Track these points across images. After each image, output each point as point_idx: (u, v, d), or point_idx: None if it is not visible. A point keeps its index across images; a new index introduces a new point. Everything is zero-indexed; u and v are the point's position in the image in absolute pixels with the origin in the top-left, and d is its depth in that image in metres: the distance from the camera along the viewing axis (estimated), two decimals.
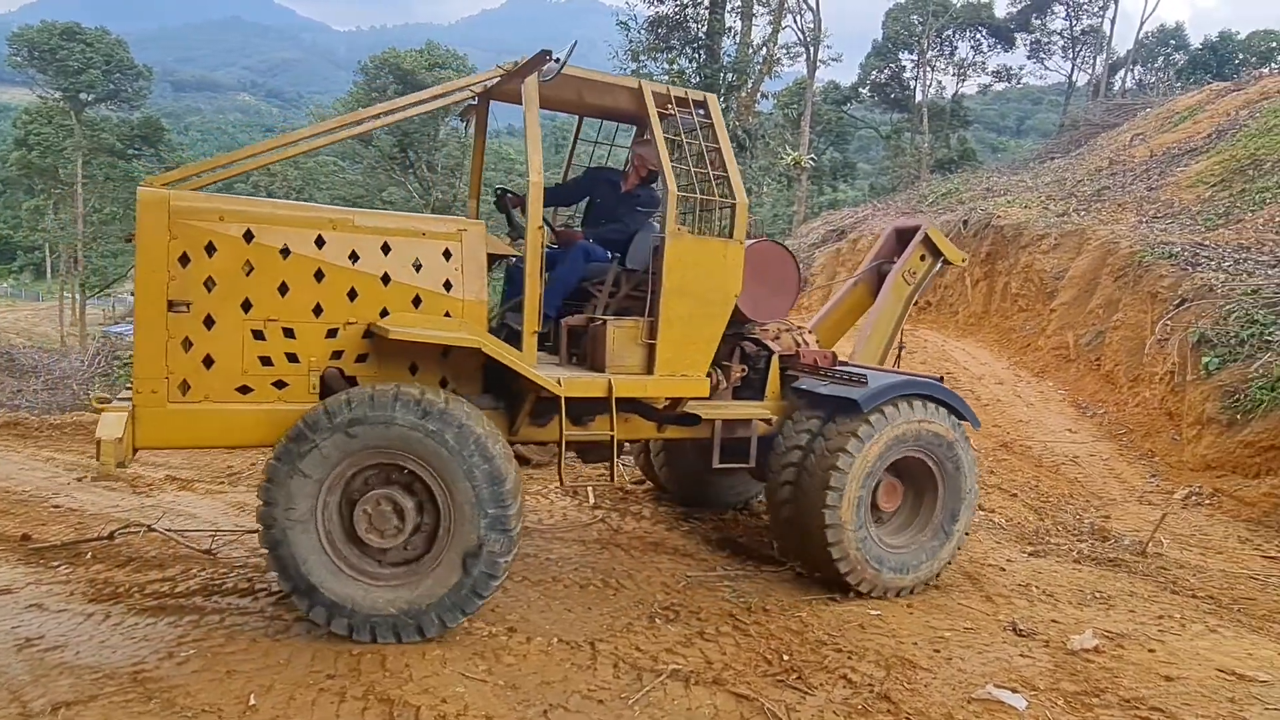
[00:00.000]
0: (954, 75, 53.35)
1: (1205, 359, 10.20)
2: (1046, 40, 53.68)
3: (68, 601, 4.14)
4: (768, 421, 5.20)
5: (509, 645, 3.85)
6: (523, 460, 7.67)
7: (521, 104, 4.45)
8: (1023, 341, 14.90)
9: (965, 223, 17.81)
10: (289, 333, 3.93)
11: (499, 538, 3.89)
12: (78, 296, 40.30)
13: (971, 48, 52.86)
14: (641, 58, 18.36)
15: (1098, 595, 5.25)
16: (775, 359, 5.25)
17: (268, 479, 3.72)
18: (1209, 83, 31.97)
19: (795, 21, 37.07)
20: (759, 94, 21.34)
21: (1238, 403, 9.34)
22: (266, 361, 3.90)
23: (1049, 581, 5.46)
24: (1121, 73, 53.51)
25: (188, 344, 3.76)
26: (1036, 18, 52.42)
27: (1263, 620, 5.17)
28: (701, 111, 4.80)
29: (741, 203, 4.74)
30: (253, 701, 3.19)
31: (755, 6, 20.65)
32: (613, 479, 4.77)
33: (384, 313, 4.05)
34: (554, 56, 4.31)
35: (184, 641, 3.67)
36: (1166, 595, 5.51)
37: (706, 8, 18.25)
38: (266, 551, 3.73)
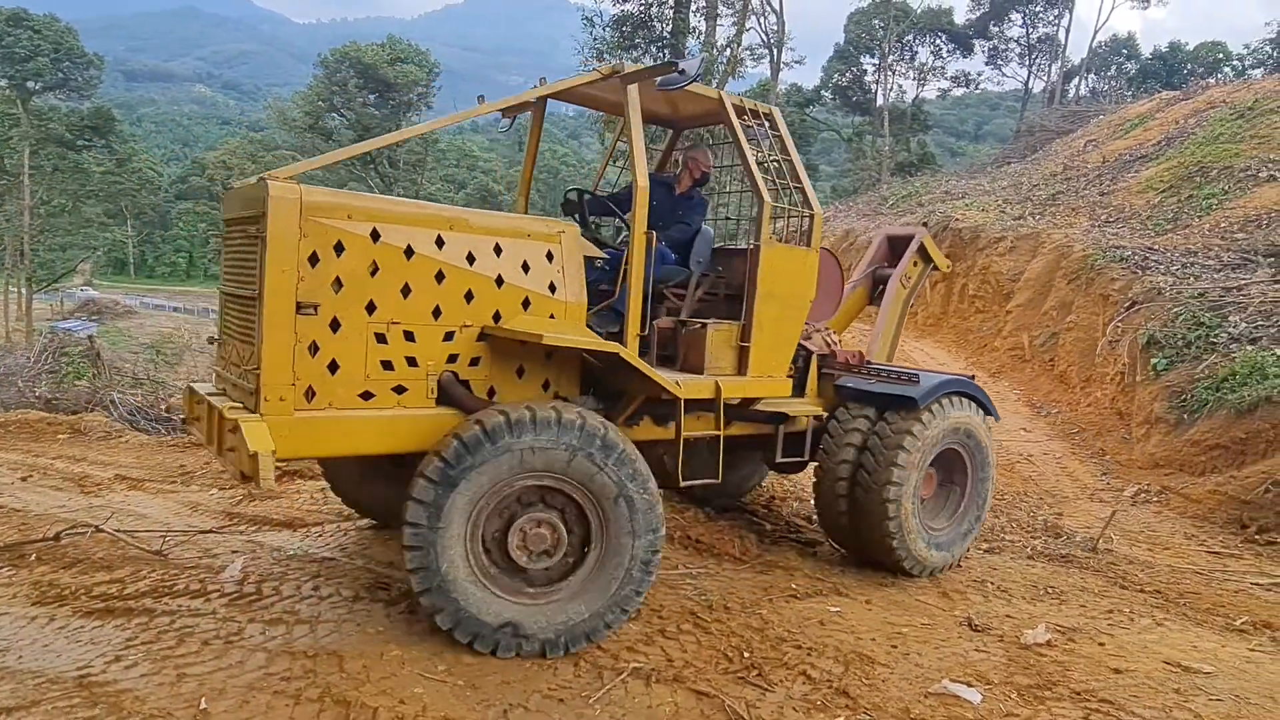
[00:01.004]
0: (914, 80, 54.08)
1: (1154, 360, 10.47)
2: (1004, 47, 54.74)
3: (10, 605, 4.01)
4: (819, 418, 5.57)
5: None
6: None
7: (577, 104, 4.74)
8: (980, 342, 15.17)
9: (925, 224, 18.07)
10: (409, 336, 3.86)
11: (648, 558, 3.98)
12: (24, 291, 39.11)
13: (931, 53, 53.68)
14: (606, 55, 18.33)
15: (1050, 591, 5.36)
16: (814, 358, 5.59)
17: (420, 497, 3.60)
18: (1159, 91, 32.83)
19: (759, 23, 37.32)
20: None
21: (1184, 403, 9.61)
22: (388, 366, 3.82)
23: (1004, 577, 5.56)
24: (1076, 80, 54.76)
25: (314, 348, 3.64)
26: (994, 24, 53.41)
27: (1206, 614, 5.32)
28: (768, 123, 5.01)
29: (818, 214, 5.07)
30: (204, 706, 3.11)
31: (720, 7, 20.76)
32: (718, 476, 4.77)
33: (496, 316, 4.05)
34: (679, 67, 4.32)
35: (132, 645, 3.57)
36: (1116, 590, 5.65)
37: (671, 7, 18.29)
38: (412, 569, 3.62)
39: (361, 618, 3.96)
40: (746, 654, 3.97)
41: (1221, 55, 52.25)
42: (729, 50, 21.50)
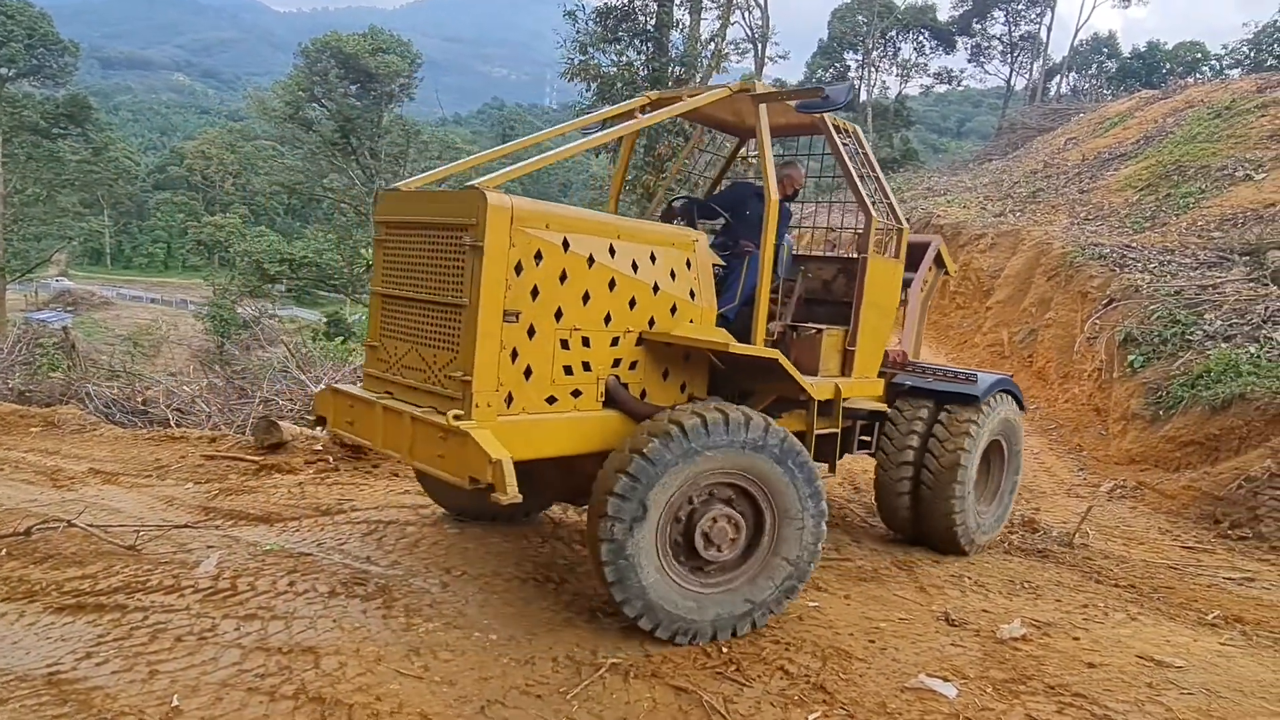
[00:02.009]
0: (897, 76, 54.34)
1: (1131, 357, 10.59)
2: (986, 44, 55.08)
3: None
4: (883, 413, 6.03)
5: (446, 641, 3.79)
6: None
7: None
8: (960, 338, 15.28)
9: (907, 221, 18.24)
10: (585, 342, 4.05)
11: (814, 546, 4.25)
12: None
13: (914, 49, 53.98)
14: (590, 49, 18.26)
15: (1026, 585, 5.41)
16: None
17: (622, 493, 3.74)
18: (1138, 90, 33.16)
19: (744, 18, 37.34)
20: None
21: (1160, 399, 9.73)
22: (568, 371, 4.01)
23: (980, 572, 5.60)
24: (1057, 78, 55.21)
25: (514, 355, 3.81)
26: (977, 22, 53.70)
27: (1179, 608, 5.39)
28: (853, 141, 5.31)
29: (906, 228, 5.49)
30: (176, 703, 3.07)
31: (705, 1, 20.74)
32: (832, 471, 5.23)
33: (651, 321, 4.27)
34: (825, 93, 4.71)
35: (103, 641, 3.52)
36: (1091, 585, 5.71)
37: (655, 0, 18.23)
38: (605, 563, 3.76)
39: (338, 613, 3.92)
40: (724, 649, 3.97)
41: (1200, 55, 52.81)
42: (713, 44, 21.47)
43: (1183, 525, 8.10)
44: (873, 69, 51.69)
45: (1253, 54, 46.22)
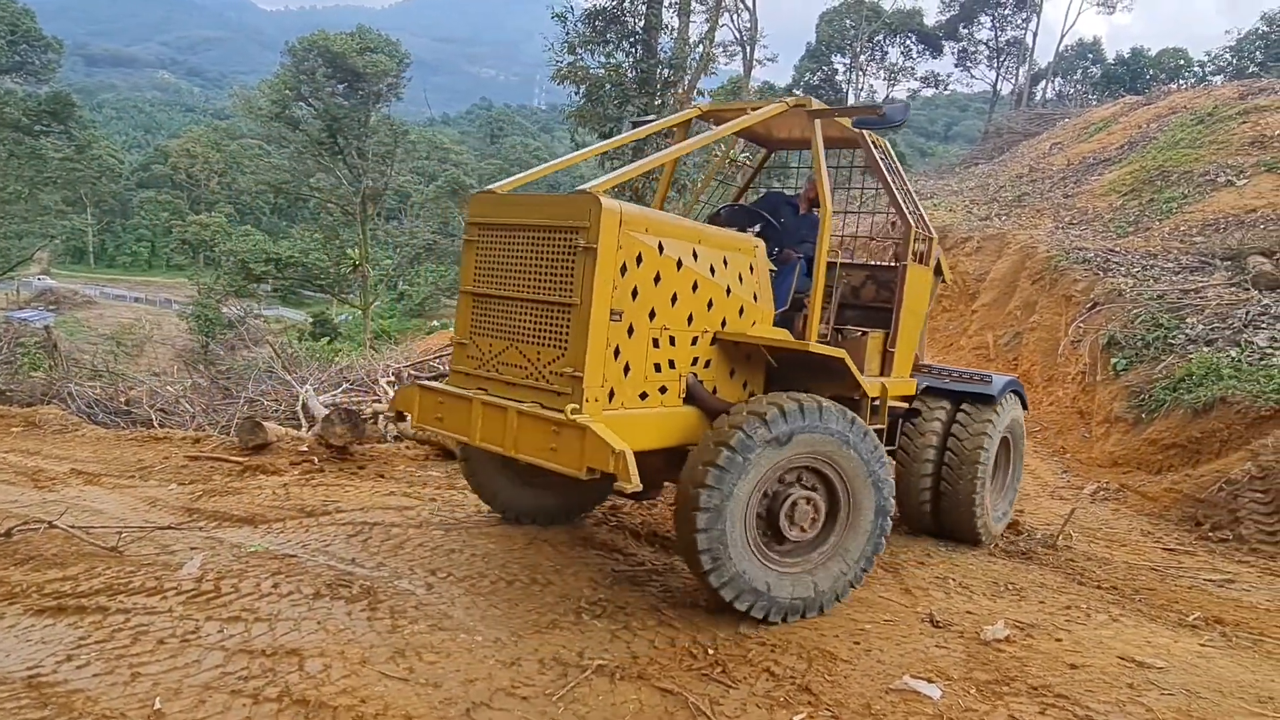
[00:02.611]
0: (885, 80, 54.58)
1: (1114, 360, 10.69)
2: (973, 49, 55.42)
3: None
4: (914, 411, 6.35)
5: (432, 643, 3.78)
6: (450, 454, 7.57)
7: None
8: (946, 340, 15.36)
9: (894, 224, 18.33)
10: (672, 341, 4.30)
11: (884, 524, 4.54)
12: None
13: (902, 53, 54.26)
14: (578, 50, 18.25)
15: (1010, 587, 5.44)
16: None
17: (713, 483, 3.93)
18: (1122, 96, 33.47)
19: (732, 20, 37.43)
20: (695, 91, 21.45)
21: (1143, 402, 9.82)
22: (658, 368, 4.26)
23: (965, 574, 5.63)
24: (1043, 83, 55.60)
25: (616, 352, 4.03)
26: (964, 27, 54.03)
27: (1161, 609, 5.44)
28: (886, 154, 5.59)
29: (936, 238, 5.82)
30: (158, 705, 3.05)
31: (693, 3, 20.79)
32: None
33: (723, 322, 4.52)
34: (882, 110, 4.89)
35: (85, 644, 3.49)
36: (1074, 586, 5.75)
37: (644, 2, 18.25)
38: (702, 551, 3.96)
39: (322, 615, 3.90)
40: (711, 651, 3.98)
41: (1183, 61, 53.32)
42: (701, 47, 21.51)
43: (1164, 527, 8.17)
44: (860, 72, 51.94)
45: (1235, 61, 46.73)
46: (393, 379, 12.60)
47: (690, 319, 4.32)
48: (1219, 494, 8.12)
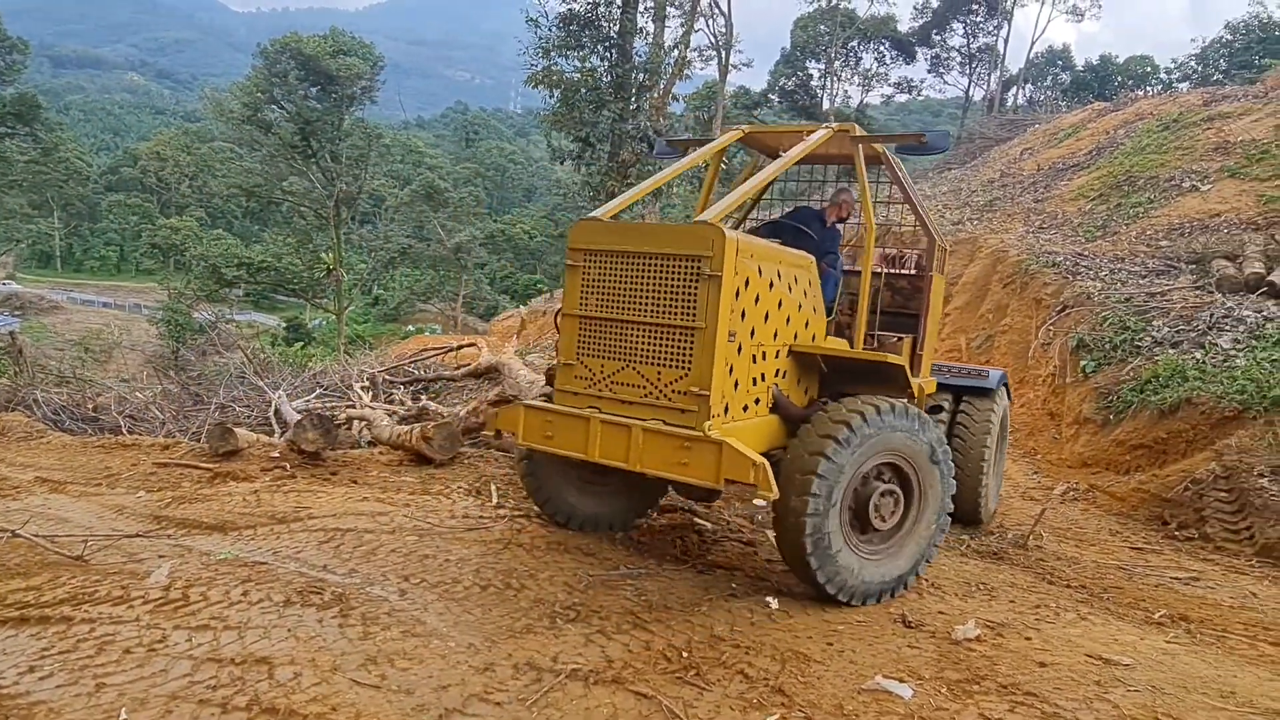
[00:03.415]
0: (859, 85, 55.02)
1: (1083, 362, 10.84)
2: (946, 55, 56.05)
3: None
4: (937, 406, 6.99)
5: (404, 649, 3.75)
6: (425, 459, 7.52)
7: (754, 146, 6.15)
8: None
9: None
10: (764, 355, 4.64)
11: (948, 506, 5.00)
12: None
13: (875, 59, 54.72)
14: (553, 54, 18.23)
15: (982, 587, 5.50)
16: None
17: (814, 490, 4.33)
18: (1091, 102, 34.00)
19: (707, 25, 37.55)
20: (670, 95, 21.51)
21: (1111, 404, 9.97)
22: (754, 382, 4.58)
23: (937, 574, 5.68)
24: (1014, 90, 56.35)
25: (730, 370, 4.37)
26: (936, 33, 54.64)
27: (1128, 607, 5.52)
28: (899, 172, 5.93)
29: (945, 246, 6.39)
30: (124, 716, 3.00)
31: (668, 8, 20.84)
32: None
33: (795, 336, 4.88)
34: (925, 139, 5.34)
35: (48, 654, 3.43)
36: (1044, 585, 5.83)
37: (619, 7, 18.28)
38: (810, 551, 4.40)
39: (293, 623, 3.86)
40: (685, 654, 3.98)
41: (1150, 69, 54.28)
42: (677, 51, 21.57)
43: (1132, 526, 8.30)
44: (834, 78, 52.34)
45: (1200, 69, 47.68)
46: (367, 384, 12.51)
47: (775, 334, 4.69)
48: (1185, 493, 8.26)
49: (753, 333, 4.45)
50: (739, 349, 4.36)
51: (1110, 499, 9.00)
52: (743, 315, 4.34)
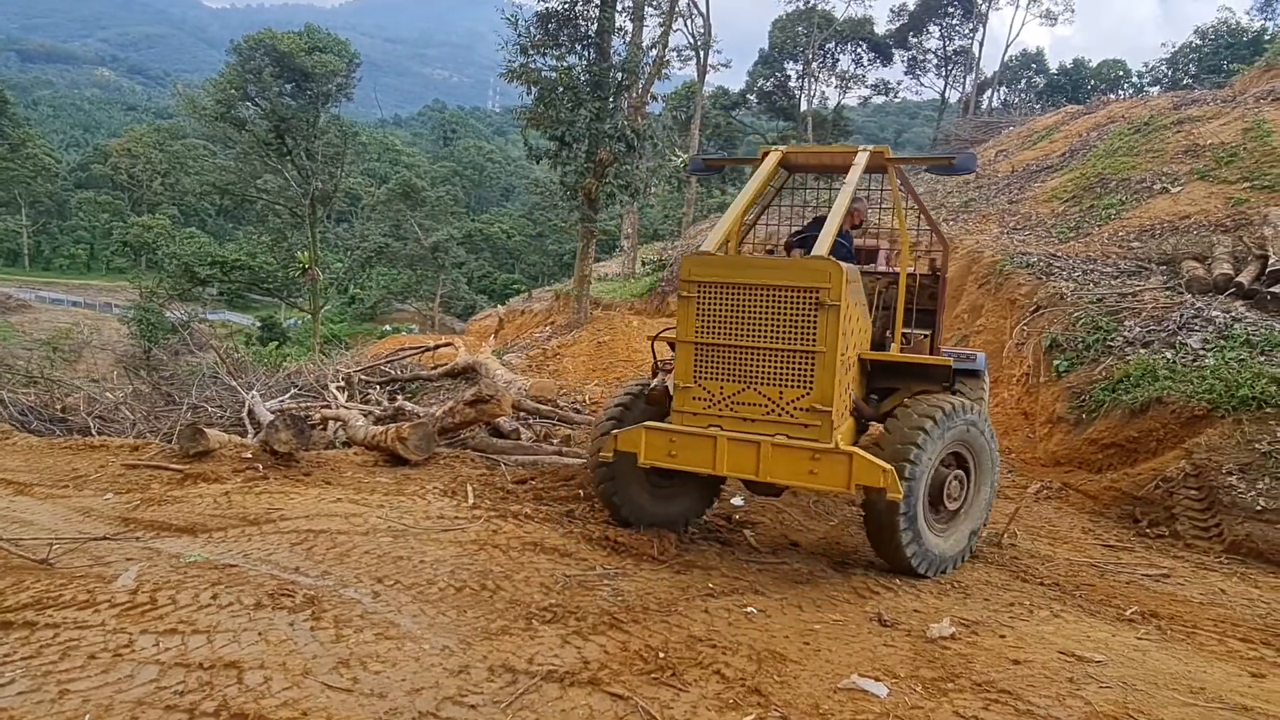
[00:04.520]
0: (836, 87, 55.30)
1: (1056, 362, 10.95)
2: (922, 58, 56.50)
3: None
4: None
5: (377, 652, 3.71)
6: (400, 460, 7.46)
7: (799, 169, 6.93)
8: None
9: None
10: (850, 366, 5.18)
11: (996, 483, 5.92)
12: None
13: (853, 61, 55.03)
14: (530, 52, 18.15)
15: (956, 585, 5.53)
16: None
17: (906, 478, 4.96)
18: (1064, 105, 34.40)
19: (685, 25, 37.60)
20: (649, 95, 21.50)
21: (1083, 403, 10.07)
22: (845, 390, 5.09)
23: None
24: (989, 92, 56.91)
25: (840, 385, 4.92)
26: (913, 36, 55.05)
27: (1100, 604, 5.58)
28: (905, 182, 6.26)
29: (950, 247, 6.99)
30: None
31: (646, 8, 20.83)
32: None
33: (856, 345, 5.32)
34: (955, 160, 5.99)
35: (9, 660, 3.34)
36: (1018, 583, 5.87)
37: (597, 5, 18.23)
38: (906, 540, 5.21)
39: (263, 626, 3.80)
40: (662, 655, 3.97)
41: (1122, 73, 55.04)
42: (655, 51, 21.58)
43: (1104, 524, 8.39)
44: (812, 79, 52.58)
45: (1170, 73, 48.41)
46: (342, 384, 12.39)
47: (855, 346, 5.22)
48: (1155, 491, 8.37)
49: (845, 350, 4.98)
50: (844, 364, 4.94)
51: (1083, 497, 9.10)
52: (844, 335, 4.88)
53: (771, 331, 4.91)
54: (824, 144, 44.65)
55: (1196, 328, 10.16)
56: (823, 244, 5.00)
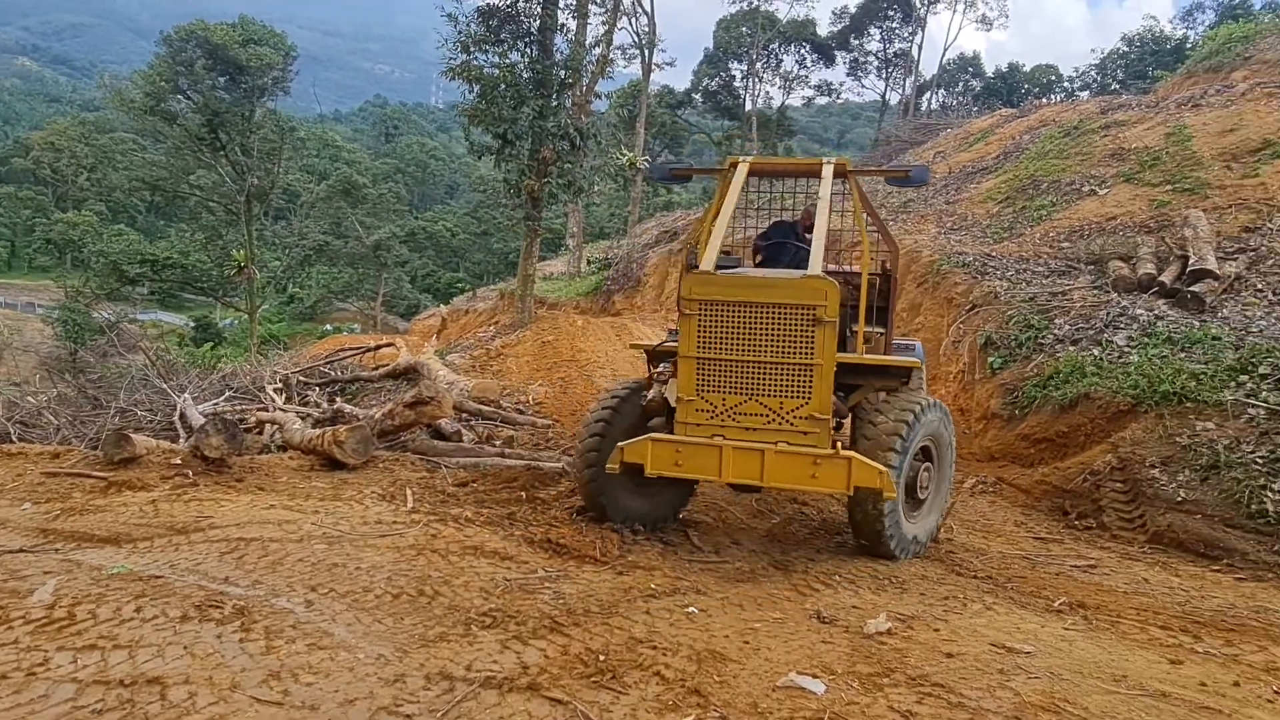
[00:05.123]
0: (780, 87, 55.92)
1: (990, 359, 11.24)
2: (863, 60, 57.45)
3: None
4: None
5: (309, 663, 3.61)
6: (337, 464, 7.30)
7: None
8: None
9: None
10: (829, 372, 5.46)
11: (952, 473, 6.58)
12: None
13: (796, 62, 55.69)
14: (472, 50, 17.93)
15: (894, 580, 5.63)
16: None
17: (895, 456, 5.49)
18: (1000, 108, 35.35)
19: (630, 24, 37.59)
20: (593, 93, 21.42)
21: (1016, 400, 10.36)
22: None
23: (852, 569, 5.79)
24: (928, 95, 58.16)
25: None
26: (855, 38, 55.96)
27: (1030, 596, 5.74)
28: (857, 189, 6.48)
29: (900, 250, 7.49)
30: None
31: (590, 5, 20.74)
32: None
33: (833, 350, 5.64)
34: (909, 173, 6.63)
35: None
36: (953, 577, 6.00)
37: (540, 2, 18.09)
38: (890, 535, 5.79)
39: (189, 639, 3.67)
40: (603, 657, 3.95)
41: (1054, 77, 56.79)
42: (599, 49, 21.51)
43: (1036, 517, 8.64)
44: (756, 79, 53.08)
45: (1099, 78, 50.14)
46: (280, 386, 12.09)
47: (830, 354, 5.39)
48: (1083, 485, 8.64)
49: (827, 358, 5.27)
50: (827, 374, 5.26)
51: (1016, 491, 9.36)
52: (824, 347, 5.20)
53: (772, 346, 5.24)
54: (782, 155, 45.23)
55: (1122, 325, 10.52)
56: (815, 263, 5.33)
